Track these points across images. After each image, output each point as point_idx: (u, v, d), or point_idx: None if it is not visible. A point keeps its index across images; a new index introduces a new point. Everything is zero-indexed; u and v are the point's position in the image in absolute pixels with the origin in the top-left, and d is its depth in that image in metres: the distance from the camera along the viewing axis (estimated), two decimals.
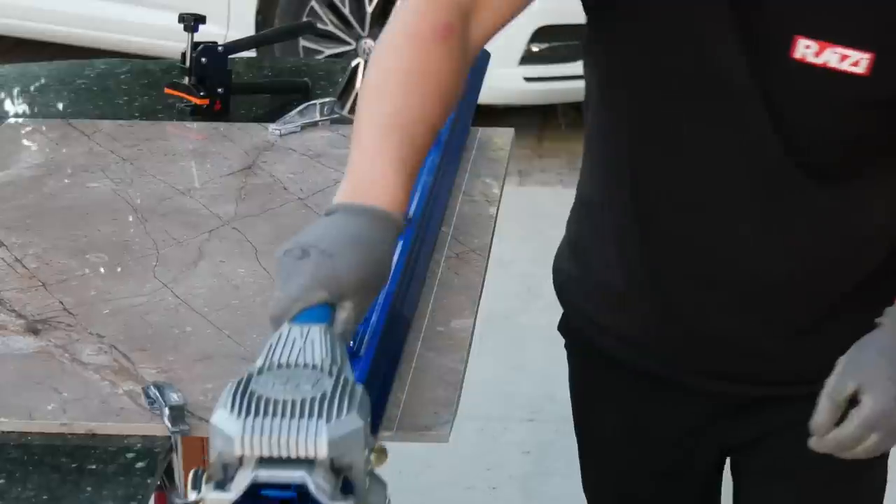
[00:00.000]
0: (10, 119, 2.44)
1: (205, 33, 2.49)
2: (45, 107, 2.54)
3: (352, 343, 1.58)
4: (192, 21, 2.45)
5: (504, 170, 2.21)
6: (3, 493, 1.43)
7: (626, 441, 1.89)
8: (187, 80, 2.44)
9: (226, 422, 1.26)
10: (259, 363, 1.32)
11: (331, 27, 5.42)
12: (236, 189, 2.13)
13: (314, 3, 5.43)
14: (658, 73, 1.59)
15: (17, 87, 2.63)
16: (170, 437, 1.51)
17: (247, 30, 5.24)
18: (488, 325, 3.43)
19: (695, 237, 1.65)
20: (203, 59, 2.44)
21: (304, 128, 2.35)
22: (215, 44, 2.46)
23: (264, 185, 2.14)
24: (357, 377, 1.48)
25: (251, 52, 3.26)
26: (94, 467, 1.48)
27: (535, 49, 5.21)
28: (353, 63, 5.46)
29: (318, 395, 1.27)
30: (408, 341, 1.69)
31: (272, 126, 2.34)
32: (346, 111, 2.36)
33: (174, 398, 1.53)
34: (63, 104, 2.54)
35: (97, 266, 1.89)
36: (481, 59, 2.42)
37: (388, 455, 1.30)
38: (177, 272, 1.87)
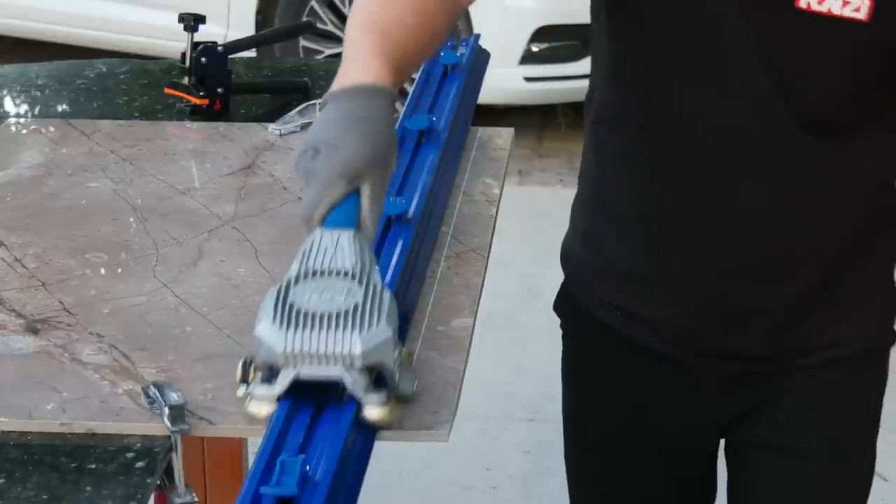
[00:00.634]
0: (10, 119, 2.44)
1: (205, 33, 2.49)
2: (45, 107, 2.54)
3: None
4: (192, 21, 2.45)
5: (504, 170, 2.21)
6: (3, 492, 1.43)
7: (628, 421, 1.88)
8: (187, 80, 2.44)
9: (269, 334, 1.44)
10: (294, 270, 1.47)
11: (331, 27, 5.42)
12: (236, 189, 2.13)
13: (314, 3, 5.43)
14: (664, 39, 1.62)
15: (17, 87, 2.63)
16: (169, 436, 1.51)
17: (247, 30, 5.24)
18: (488, 325, 3.43)
19: (709, 206, 1.67)
20: (203, 59, 2.44)
21: (304, 128, 2.34)
22: (215, 44, 2.46)
23: (264, 185, 2.14)
24: None
25: (251, 52, 3.25)
26: (94, 467, 1.48)
27: (535, 49, 5.21)
28: None
29: (351, 307, 1.44)
30: (408, 341, 1.69)
31: (272, 126, 2.34)
32: None
33: (174, 398, 1.53)
34: (63, 104, 2.54)
35: (97, 266, 1.89)
36: (481, 59, 2.43)
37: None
38: (177, 272, 1.87)
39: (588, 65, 1.83)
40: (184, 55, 2.47)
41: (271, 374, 1.47)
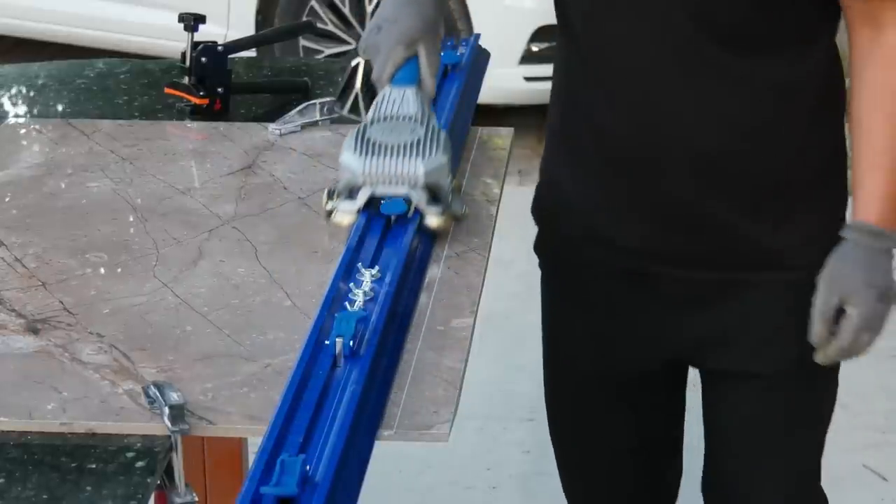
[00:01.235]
0: (10, 119, 2.44)
1: (205, 33, 2.49)
2: (45, 107, 2.54)
3: (352, 343, 1.59)
4: (192, 21, 2.45)
5: (504, 170, 2.21)
6: (3, 492, 1.43)
7: (593, 343, 1.98)
8: (187, 80, 2.44)
9: (352, 161, 1.88)
10: (370, 116, 1.92)
11: (331, 27, 5.42)
12: (236, 189, 2.13)
13: (314, 2, 5.43)
14: None
15: (17, 87, 2.63)
16: (170, 436, 1.51)
17: (247, 30, 5.24)
18: (488, 324, 3.43)
19: (638, 124, 1.79)
20: (203, 59, 2.44)
21: (304, 127, 2.35)
22: (215, 43, 2.46)
23: (264, 185, 2.14)
24: (357, 377, 1.55)
25: (251, 52, 3.25)
26: (94, 467, 1.48)
27: (535, 49, 5.21)
28: (353, 63, 5.47)
29: (415, 141, 1.87)
30: (408, 341, 1.69)
31: (272, 126, 2.34)
32: (345, 111, 2.37)
33: (174, 397, 1.53)
34: (63, 104, 2.54)
35: (97, 266, 1.89)
36: (481, 58, 2.43)
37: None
38: (177, 272, 1.87)
39: None
40: (184, 55, 2.47)
41: (352, 194, 1.88)
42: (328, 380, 1.56)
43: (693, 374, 2.04)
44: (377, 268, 1.77)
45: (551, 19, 1.91)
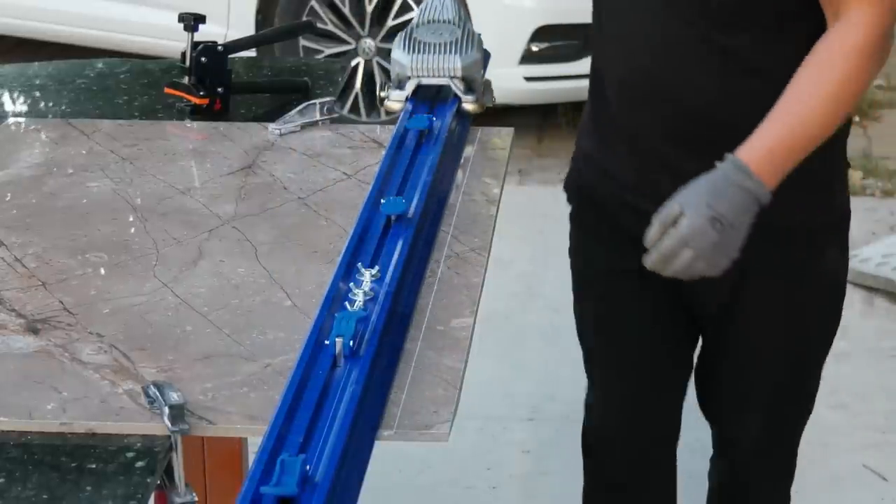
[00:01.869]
0: (10, 119, 2.44)
1: (205, 33, 2.49)
2: (45, 107, 2.54)
3: (352, 343, 1.59)
4: (192, 21, 2.45)
5: (504, 170, 2.21)
6: (3, 492, 1.43)
7: (605, 271, 2.14)
8: (187, 80, 2.44)
9: (401, 57, 2.26)
10: (416, 20, 2.31)
11: (331, 27, 5.42)
12: (236, 189, 2.13)
13: (314, 2, 5.43)
14: None
15: (17, 87, 2.63)
16: (169, 436, 1.51)
17: (247, 30, 5.24)
18: (488, 324, 3.43)
19: (643, 79, 1.94)
20: (203, 59, 2.44)
21: (304, 127, 2.35)
22: (215, 43, 2.46)
23: (264, 185, 2.14)
24: (357, 377, 1.55)
25: (251, 52, 3.25)
26: (94, 467, 1.48)
27: (535, 49, 5.20)
28: (353, 63, 5.47)
29: (454, 40, 2.26)
30: (408, 341, 1.69)
31: (272, 126, 2.34)
32: (345, 110, 2.39)
33: (174, 397, 1.53)
34: (63, 104, 2.54)
35: (97, 266, 1.89)
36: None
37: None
38: (177, 272, 1.87)
39: (588, 64, 1.89)
40: (184, 55, 2.47)
41: (401, 84, 2.26)
42: (328, 380, 1.56)
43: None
44: (377, 268, 1.77)
45: (551, 19, 1.93)
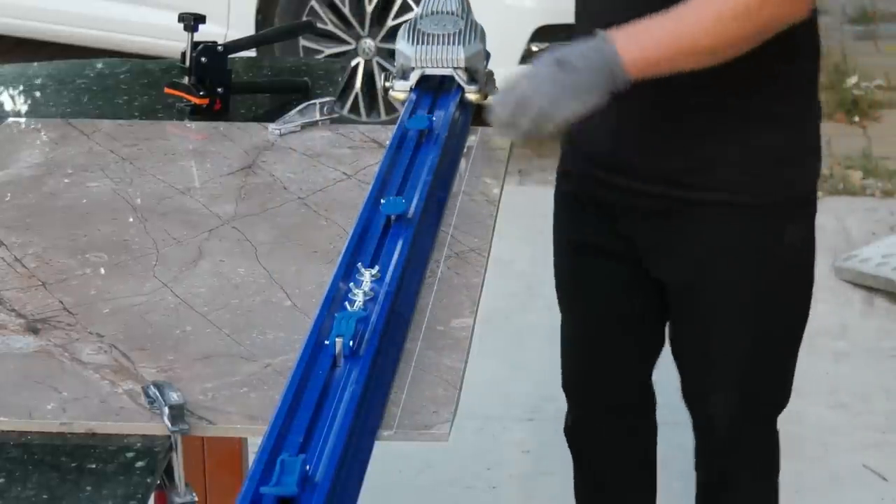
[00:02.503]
0: (10, 119, 2.44)
1: (205, 33, 2.49)
2: (45, 107, 2.54)
3: (352, 343, 1.59)
4: (192, 21, 2.45)
5: (504, 170, 2.21)
6: (3, 492, 1.43)
7: (572, 246, 2.24)
8: (187, 80, 2.44)
9: (405, 48, 2.26)
10: (419, 11, 2.30)
11: (331, 27, 5.42)
12: (236, 189, 2.13)
13: (314, 2, 5.43)
14: None
15: (17, 87, 2.63)
16: (169, 436, 1.51)
17: (247, 29, 5.23)
18: (488, 324, 3.43)
19: None
20: (203, 59, 2.44)
21: (304, 127, 2.35)
22: (215, 43, 2.46)
23: (264, 185, 2.14)
24: (357, 377, 1.55)
25: (251, 52, 3.25)
26: (94, 467, 1.48)
27: (535, 49, 5.20)
28: (353, 63, 5.46)
29: (457, 31, 2.26)
30: (408, 341, 1.69)
31: (272, 126, 2.34)
32: (345, 111, 2.39)
33: (174, 397, 1.53)
34: (63, 104, 2.54)
35: (97, 266, 1.89)
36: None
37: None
38: (177, 272, 1.87)
39: None
40: (184, 55, 2.47)
41: (405, 75, 2.26)
42: (328, 380, 1.56)
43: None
44: (377, 268, 1.77)
45: (551, 19, 1.94)
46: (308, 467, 1.40)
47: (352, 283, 1.74)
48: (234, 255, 1.92)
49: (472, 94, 2.25)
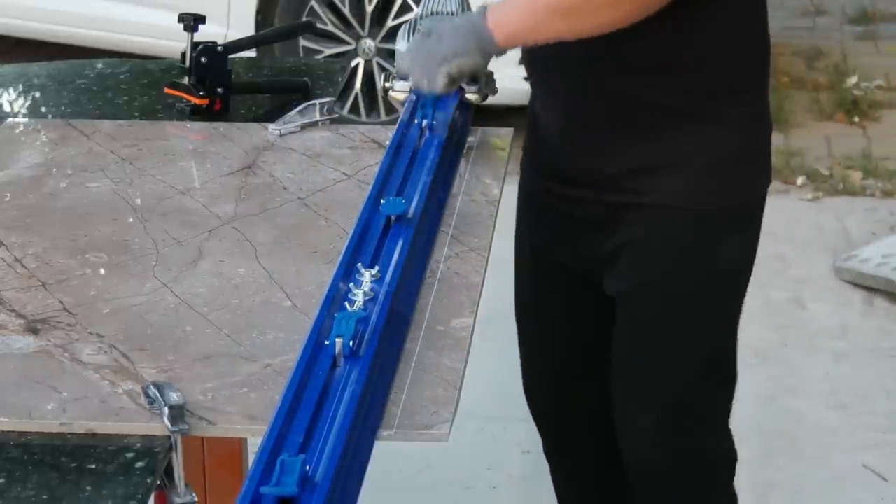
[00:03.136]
0: (10, 119, 2.44)
1: (205, 33, 2.49)
2: (45, 107, 2.54)
3: (352, 343, 1.59)
4: (191, 21, 2.45)
5: (504, 170, 2.21)
6: (3, 492, 1.43)
7: (529, 247, 2.24)
8: (187, 80, 2.44)
9: (405, 48, 2.16)
10: (419, 12, 2.27)
11: (331, 27, 5.42)
12: (236, 189, 2.13)
13: (314, 2, 5.43)
14: None
15: (16, 87, 2.63)
16: (169, 436, 1.51)
17: (247, 30, 5.23)
18: (488, 324, 3.42)
19: (544, 78, 2.12)
20: (203, 59, 2.44)
21: (304, 127, 2.35)
22: (215, 44, 2.46)
23: (264, 185, 2.14)
24: (357, 377, 1.55)
25: (251, 52, 3.25)
26: (94, 467, 1.48)
27: None
28: (353, 63, 5.46)
29: None
30: (408, 341, 1.69)
31: (272, 126, 2.34)
32: (345, 111, 2.38)
33: (174, 398, 1.53)
34: (63, 104, 2.54)
35: (97, 266, 1.89)
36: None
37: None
38: (177, 272, 1.87)
39: None
40: (184, 55, 2.47)
41: (405, 75, 2.14)
42: (328, 380, 1.56)
43: None
44: (377, 268, 1.77)
45: None
46: (308, 467, 1.40)
47: (352, 284, 1.74)
48: (234, 255, 1.92)
49: (472, 95, 2.24)
